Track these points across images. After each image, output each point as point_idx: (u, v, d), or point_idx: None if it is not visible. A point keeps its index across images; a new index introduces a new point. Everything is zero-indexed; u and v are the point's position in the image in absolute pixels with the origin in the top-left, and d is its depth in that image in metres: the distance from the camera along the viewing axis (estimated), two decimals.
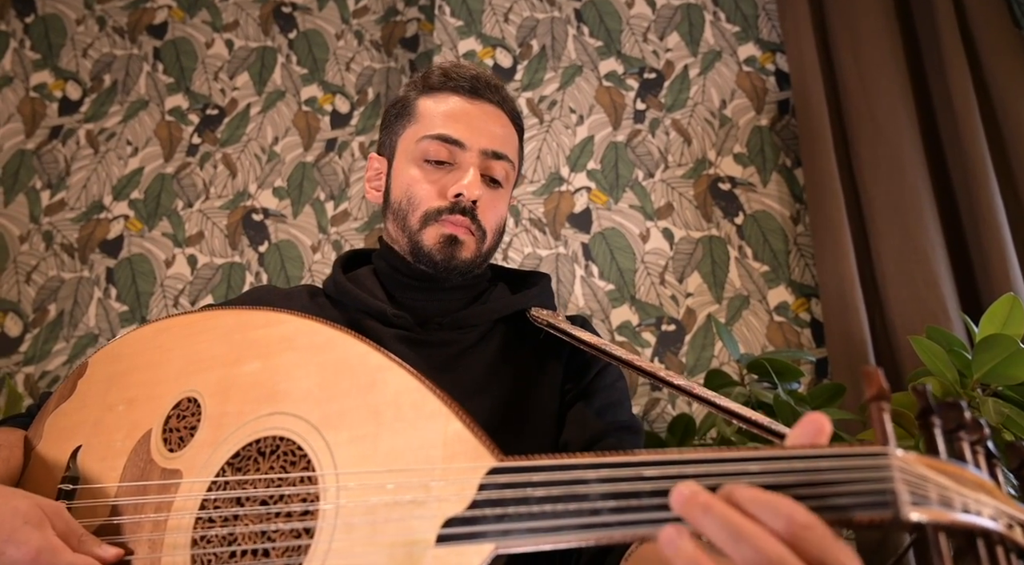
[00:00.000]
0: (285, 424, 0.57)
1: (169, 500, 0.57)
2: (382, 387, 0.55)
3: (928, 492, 0.39)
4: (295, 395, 0.58)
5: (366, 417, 0.54)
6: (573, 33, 1.89)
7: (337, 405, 0.56)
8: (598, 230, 1.70)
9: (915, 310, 1.35)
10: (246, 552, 0.53)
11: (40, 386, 1.80)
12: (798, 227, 1.62)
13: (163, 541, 0.55)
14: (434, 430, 0.51)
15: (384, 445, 0.52)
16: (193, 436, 0.60)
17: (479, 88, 0.93)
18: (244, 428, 0.58)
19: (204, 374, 0.63)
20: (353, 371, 0.57)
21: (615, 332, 1.61)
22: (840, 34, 1.62)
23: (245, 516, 0.55)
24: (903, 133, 1.49)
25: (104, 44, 2.15)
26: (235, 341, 0.64)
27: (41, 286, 1.90)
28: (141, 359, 0.67)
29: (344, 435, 0.54)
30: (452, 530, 0.46)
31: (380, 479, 0.50)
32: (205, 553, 0.54)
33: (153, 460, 0.60)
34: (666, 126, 1.76)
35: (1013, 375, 1.05)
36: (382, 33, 2.13)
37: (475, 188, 0.87)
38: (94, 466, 0.62)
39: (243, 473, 0.56)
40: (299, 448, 0.55)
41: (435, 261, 0.87)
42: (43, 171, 2.02)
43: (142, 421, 0.62)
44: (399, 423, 0.53)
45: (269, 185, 1.96)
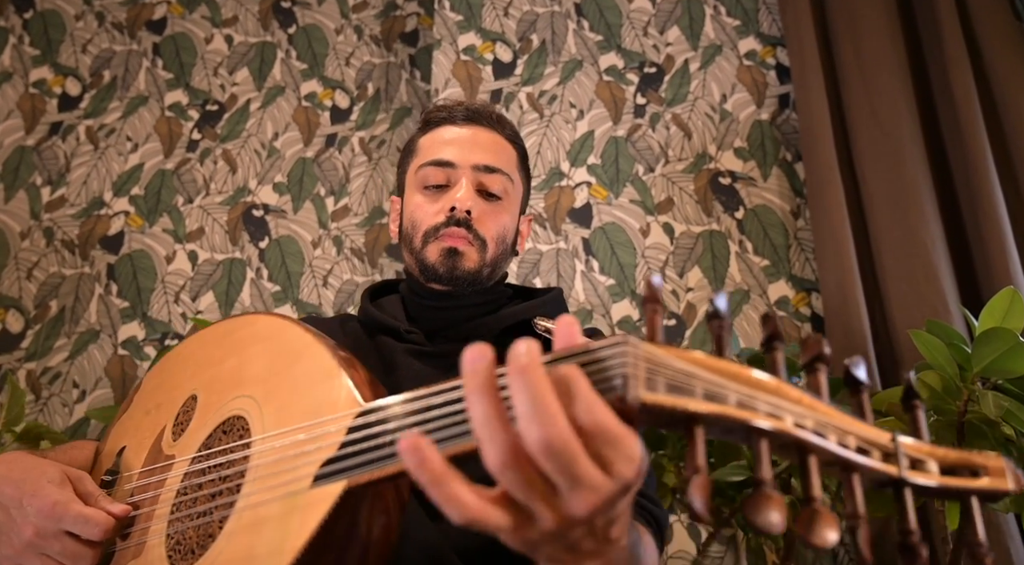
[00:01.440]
0: (241, 404, 0.65)
1: (164, 479, 0.67)
2: (304, 360, 0.63)
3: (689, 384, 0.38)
4: (250, 379, 0.66)
5: (289, 388, 0.61)
6: (573, 27, 1.89)
7: (273, 381, 0.64)
8: (598, 225, 1.70)
9: (915, 304, 1.36)
10: (200, 514, 0.61)
11: (42, 382, 1.80)
12: (798, 221, 1.62)
13: (154, 513, 0.65)
14: (329, 388, 0.57)
15: (298, 408, 0.59)
16: (188, 427, 0.70)
17: (472, 115, 0.98)
18: (217, 413, 0.67)
19: (202, 374, 0.73)
20: (286, 351, 0.65)
21: (615, 327, 1.61)
22: (841, 28, 1.62)
23: (205, 484, 0.62)
24: (903, 127, 1.49)
25: (103, 40, 2.14)
26: (224, 344, 0.74)
27: (42, 282, 1.90)
28: (173, 369, 0.78)
29: (273, 405, 0.61)
30: (324, 470, 0.51)
31: (287, 437, 0.57)
32: (176, 518, 0.62)
33: (162, 450, 0.70)
34: (666, 121, 1.76)
35: (1013, 368, 1.05)
36: (382, 28, 2.12)
37: (466, 200, 0.91)
38: (129, 461, 0.73)
39: (210, 449, 0.65)
40: (246, 422, 0.64)
41: (439, 274, 0.91)
42: (43, 167, 2.01)
43: (162, 420, 0.73)
44: (310, 387, 0.60)
45: (269, 181, 1.96)
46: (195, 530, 0.60)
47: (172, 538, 0.61)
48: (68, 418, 1.76)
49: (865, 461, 0.39)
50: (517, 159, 1.02)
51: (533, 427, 0.36)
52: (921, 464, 0.40)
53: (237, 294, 1.85)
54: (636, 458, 0.38)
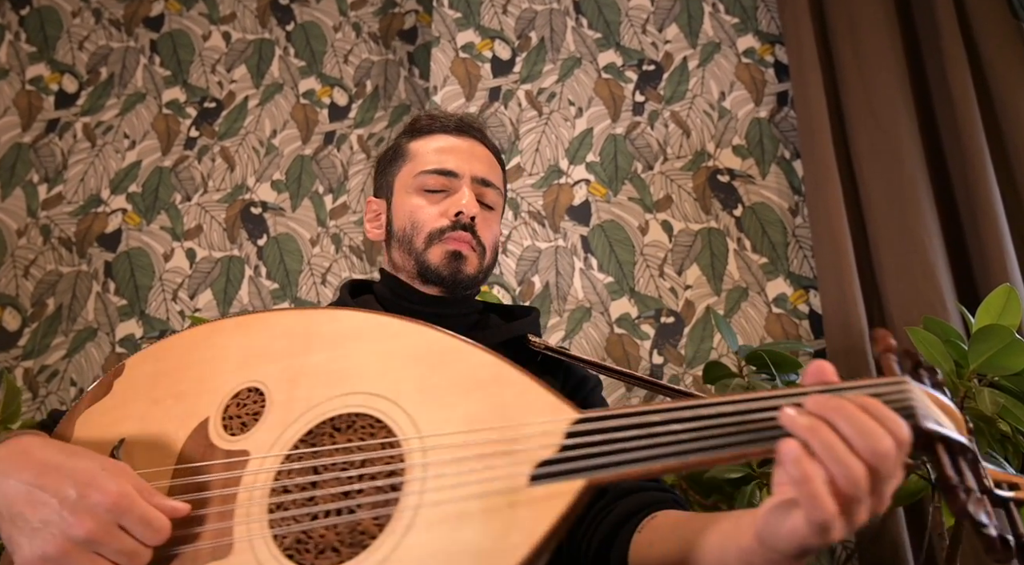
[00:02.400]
0: (360, 402, 0.62)
1: (236, 476, 0.61)
2: (457, 363, 0.62)
3: (932, 413, 0.53)
4: (368, 377, 0.63)
5: (445, 389, 0.61)
6: (572, 25, 1.89)
7: (414, 382, 0.62)
8: (597, 222, 1.70)
9: (912, 301, 1.36)
10: (328, 512, 0.57)
11: (39, 380, 1.80)
12: (797, 219, 1.63)
13: (233, 512, 0.59)
14: (512, 394, 0.59)
15: (462, 411, 0.59)
16: (258, 421, 0.64)
17: (463, 127, 1.02)
18: (315, 409, 0.63)
19: (266, 366, 0.67)
20: (427, 352, 0.64)
21: (614, 325, 1.61)
22: (839, 26, 1.62)
23: (324, 482, 0.59)
24: (901, 125, 1.49)
25: (100, 36, 2.14)
26: (297, 336, 0.68)
27: (39, 280, 1.90)
28: (191, 357, 0.71)
29: (424, 405, 0.60)
30: (545, 470, 0.54)
31: (463, 437, 0.57)
32: (283, 517, 0.58)
33: (213, 444, 0.63)
34: (665, 118, 1.77)
35: (1009, 365, 1.06)
36: (380, 25, 2.12)
37: (473, 206, 0.94)
38: (142, 455, 0.64)
39: (317, 447, 0.61)
40: (377, 420, 0.60)
41: (442, 276, 0.93)
42: (40, 165, 2.01)
43: (196, 411, 0.66)
44: (477, 391, 0.60)
45: (267, 178, 1.96)
46: (328, 529, 0.57)
47: (286, 537, 0.57)
48: None
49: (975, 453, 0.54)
50: (503, 176, 1.06)
51: (871, 441, 0.47)
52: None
53: (235, 292, 1.85)
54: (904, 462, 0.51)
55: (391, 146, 1.06)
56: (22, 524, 0.55)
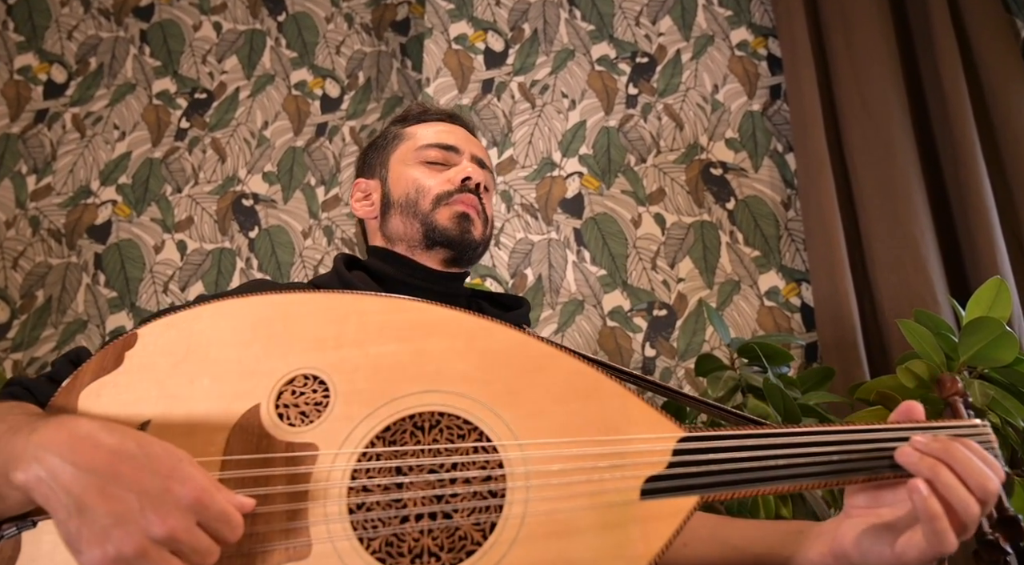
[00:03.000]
0: (445, 401, 0.60)
1: (305, 472, 0.56)
2: (552, 369, 0.61)
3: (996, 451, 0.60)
4: (452, 376, 0.61)
5: (539, 395, 0.59)
6: (565, 16, 1.88)
7: (505, 385, 0.60)
8: (590, 215, 1.70)
9: (904, 294, 1.37)
10: (421, 516, 0.55)
11: (28, 373, 1.78)
12: (789, 212, 1.63)
13: (306, 510, 0.55)
14: (615, 406, 0.59)
15: (561, 419, 0.58)
16: (322, 412, 0.59)
17: (456, 118, 1.05)
18: (392, 405, 0.60)
19: (322, 353, 0.62)
20: (517, 356, 0.62)
21: (607, 317, 1.61)
22: (832, 19, 1.62)
23: (412, 484, 0.56)
24: (894, 118, 1.49)
25: (89, 26, 2.11)
26: (351, 322, 0.64)
27: (28, 272, 1.88)
28: (225, 334, 0.64)
29: (519, 411, 0.59)
30: (655, 485, 0.55)
31: (568, 448, 0.56)
32: (367, 519, 0.55)
33: (269, 434, 0.58)
34: (658, 111, 1.76)
35: (999, 357, 1.06)
36: (372, 16, 2.11)
37: (479, 174, 0.95)
38: (178, 441, 0.56)
39: (398, 446, 0.58)
40: (466, 422, 0.58)
41: (451, 237, 0.92)
42: (28, 156, 1.99)
43: (242, 395, 0.60)
44: (575, 401, 0.59)
45: (259, 170, 1.95)
46: (423, 533, 0.54)
47: (374, 539, 0.54)
48: None
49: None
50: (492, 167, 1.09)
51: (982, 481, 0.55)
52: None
53: (227, 284, 1.84)
54: None
55: (382, 133, 1.07)
56: (92, 519, 0.48)
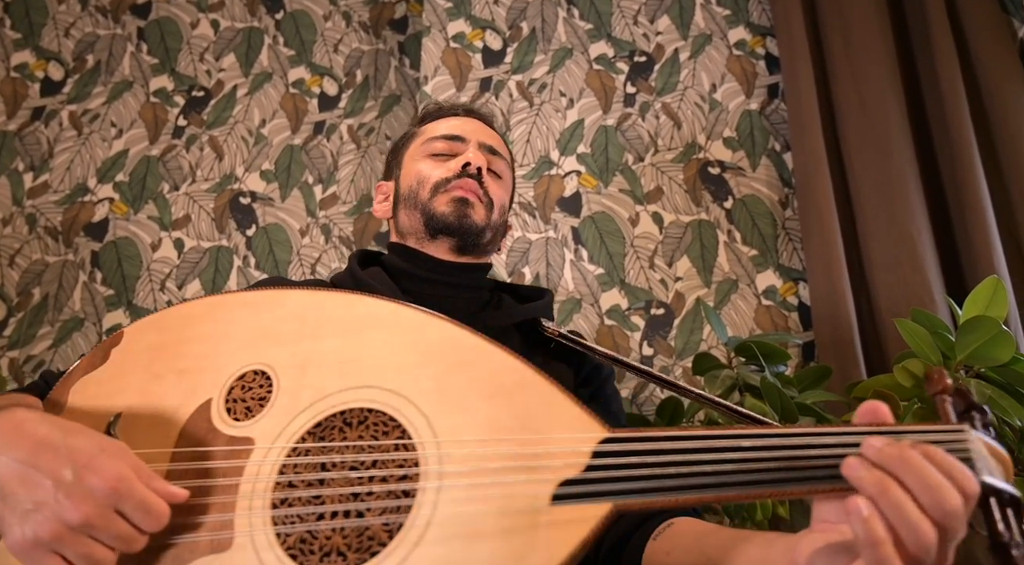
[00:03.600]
0: (375, 397, 0.59)
1: (239, 465, 0.57)
2: (480, 364, 0.58)
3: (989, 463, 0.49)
4: (385, 371, 0.60)
5: (465, 391, 0.57)
6: (563, 15, 1.88)
7: (434, 381, 0.58)
8: (588, 214, 1.70)
9: (901, 293, 1.37)
10: (336, 513, 0.54)
11: (25, 370, 1.78)
12: (787, 211, 1.63)
13: (234, 503, 0.56)
14: (539, 404, 0.55)
15: (483, 416, 0.55)
16: (264, 407, 0.60)
17: (471, 111, 1.05)
18: (326, 400, 0.59)
19: (275, 349, 0.63)
20: (449, 350, 0.60)
21: (605, 316, 1.61)
22: (830, 19, 1.62)
23: (333, 481, 0.56)
24: (891, 118, 1.49)
25: (87, 23, 2.11)
26: (309, 319, 0.64)
27: (25, 270, 1.88)
28: (193, 331, 0.66)
29: (442, 407, 0.57)
30: (568, 490, 0.50)
31: (485, 447, 0.53)
32: (287, 514, 0.55)
33: (215, 428, 0.60)
34: (656, 110, 1.76)
35: (995, 356, 1.07)
36: (370, 14, 2.10)
37: (480, 159, 0.94)
38: (141, 433, 0.60)
39: (326, 441, 0.58)
40: (391, 419, 0.57)
41: (449, 223, 0.91)
42: (25, 153, 1.98)
43: (199, 390, 0.62)
44: (500, 397, 0.56)
45: (256, 168, 1.95)
46: (335, 531, 0.53)
47: (289, 535, 0.54)
48: None
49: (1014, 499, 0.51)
50: (510, 160, 1.07)
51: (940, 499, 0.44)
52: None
53: (224, 282, 1.84)
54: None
55: (402, 135, 1.08)
56: (14, 504, 0.51)
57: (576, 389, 0.93)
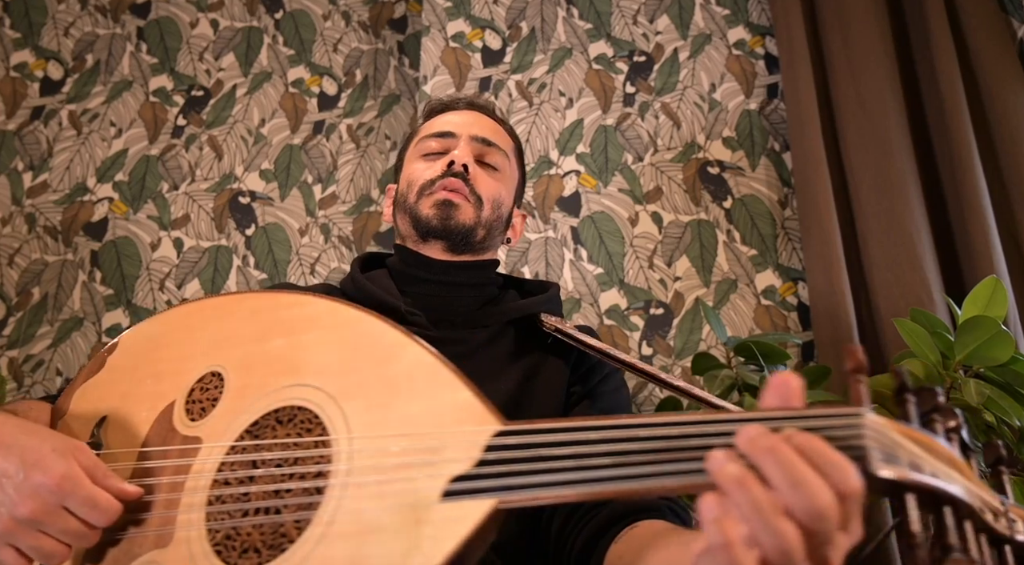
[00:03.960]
0: (304, 395, 0.60)
1: (188, 464, 0.60)
2: (397, 360, 0.59)
3: (898, 454, 0.42)
4: (315, 368, 0.61)
5: (381, 388, 0.57)
6: (563, 15, 1.88)
7: (355, 377, 0.59)
8: (587, 214, 1.70)
9: (900, 293, 1.37)
10: (259, 510, 0.56)
11: (24, 370, 1.78)
12: (786, 211, 1.63)
13: (179, 501, 0.58)
14: (444, 398, 0.55)
15: (396, 413, 0.55)
16: (215, 407, 0.63)
17: (472, 105, 1.03)
18: (264, 399, 0.61)
19: (230, 350, 0.66)
20: (371, 346, 0.60)
21: (604, 316, 1.61)
22: (829, 18, 1.62)
23: (260, 478, 0.57)
24: (890, 117, 1.49)
25: (86, 23, 2.11)
26: (262, 320, 0.67)
27: (24, 269, 1.88)
28: (171, 337, 0.70)
29: (360, 404, 0.57)
30: (457, 486, 0.49)
31: (391, 442, 0.53)
32: (219, 511, 0.57)
33: (175, 428, 0.63)
34: (655, 110, 1.76)
35: (994, 356, 1.06)
36: (370, 14, 2.10)
37: (464, 156, 0.93)
38: (118, 434, 0.64)
39: (260, 439, 0.60)
40: (315, 416, 0.58)
41: (432, 226, 0.91)
42: (25, 152, 1.98)
43: (167, 393, 0.65)
44: (411, 392, 0.56)
45: (256, 168, 1.95)
46: (254, 527, 0.55)
47: (218, 531, 0.56)
48: None
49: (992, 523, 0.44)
50: (513, 147, 1.04)
51: (805, 497, 0.39)
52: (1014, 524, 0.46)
53: (223, 282, 1.84)
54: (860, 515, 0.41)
55: (406, 136, 1.10)
56: None
57: (570, 387, 0.91)
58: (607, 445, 0.47)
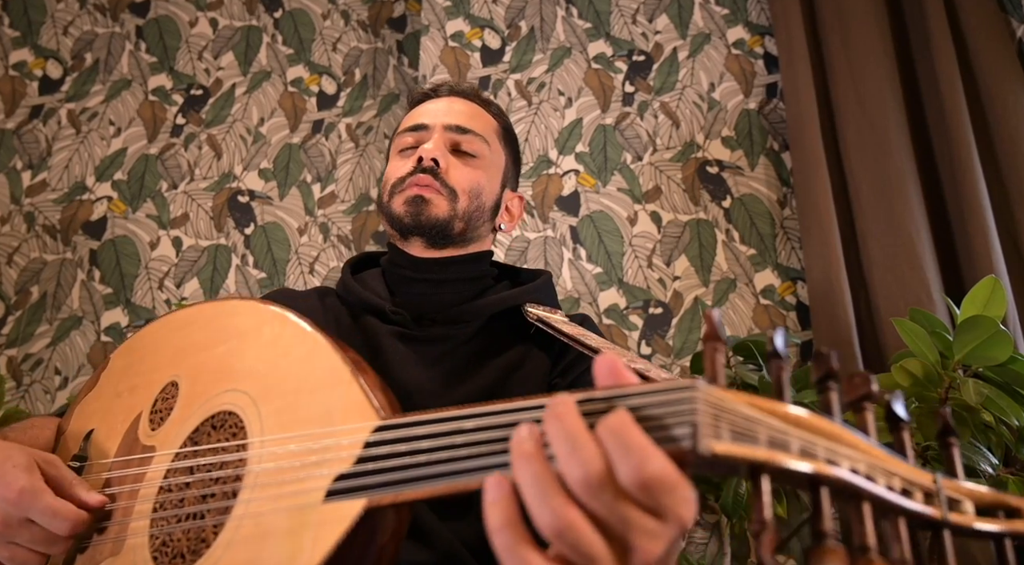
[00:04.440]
0: (233, 400, 0.61)
1: (143, 472, 0.62)
2: (308, 358, 0.59)
3: (755, 430, 0.36)
4: (243, 372, 0.62)
5: (290, 388, 0.58)
6: (562, 14, 1.88)
7: (272, 379, 0.60)
8: (586, 213, 1.70)
9: (899, 293, 1.37)
10: (190, 515, 0.57)
11: (23, 369, 1.78)
12: (785, 211, 1.63)
13: (134, 508, 0.60)
14: (338, 396, 0.54)
15: (302, 413, 0.56)
16: (169, 416, 0.65)
17: (453, 90, 1.00)
18: (204, 406, 0.63)
19: (187, 359, 0.68)
20: (290, 346, 0.61)
21: (603, 315, 1.61)
22: (828, 18, 1.62)
23: (194, 483, 0.59)
24: (890, 117, 1.49)
25: (85, 22, 2.11)
26: (213, 328, 0.69)
27: (23, 268, 1.88)
28: (147, 349, 0.73)
29: (273, 406, 0.58)
30: (339, 485, 0.48)
31: (292, 444, 0.54)
32: (160, 517, 0.59)
33: (138, 438, 0.65)
34: (655, 109, 1.76)
35: (993, 356, 1.06)
36: (369, 13, 2.10)
37: (433, 150, 0.91)
38: (100, 447, 0.68)
39: (199, 445, 0.61)
40: (240, 421, 0.60)
41: (405, 224, 0.90)
42: (24, 151, 1.98)
43: (137, 405, 0.68)
44: (313, 393, 0.57)
45: (255, 167, 1.95)
46: (184, 533, 0.56)
47: (157, 538, 0.57)
48: (50, 405, 1.75)
49: (912, 505, 0.38)
50: (498, 129, 1.00)
51: (572, 465, 0.36)
52: (958, 505, 0.39)
53: (222, 281, 1.83)
54: (692, 499, 0.36)
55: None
56: None
57: (552, 379, 0.89)
58: (488, 432, 0.43)
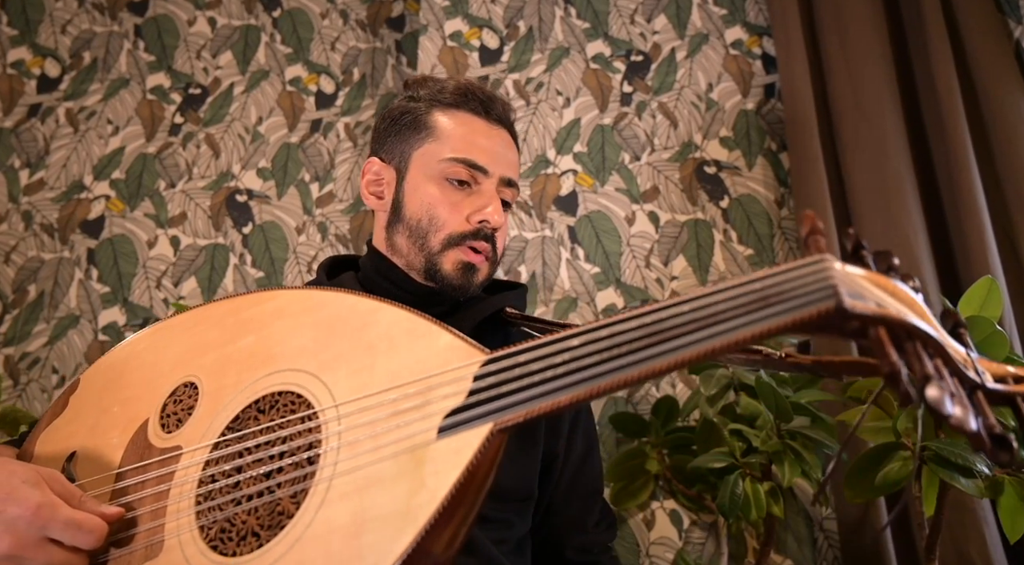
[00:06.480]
0: (282, 380, 0.61)
1: (170, 472, 0.61)
2: (374, 324, 0.60)
3: (864, 294, 0.44)
4: (290, 353, 0.62)
5: (362, 352, 0.58)
6: (560, 14, 1.88)
7: (333, 350, 0.60)
8: (584, 213, 1.70)
9: None
10: (251, 496, 0.56)
11: (20, 368, 1.78)
12: (783, 211, 1.63)
13: (165, 509, 0.59)
14: (426, 346, 0.56)
15: (380, 371, 0.56)
16: (191, 415, 0.63)
17: (495, 110, 0.94)
18: (242, 394, 0.62)
19: (201, 359, 0.67)
20: (346, 319, 0.62)
21: (600, 315, 1.61)
22: (827, 18, 1.62)
23: (248, 466, 0.58)
24: (887, 118, 1.50)
25: (83, 20, 2.10)
26: (228, 324, 0.68)
27: (20, 267, 1.88)
28: (136, 361, 0.71)
29: (341, 372, 0.58)
30: (452, 420, 0.51)
31: (377, 398, 0.55)
32: (209, 507, 0.57)
33: (151, 444, 0.64)
34: (653, 109, 1.76)
35: (990, 356, 1.06)
36: (367, 13, 2.10)
37: (499, 216, 0.89)
38: (89, 465, 0.65)
39: (243, 431, 0.60)
40: (298, 396, 0.59)
41: (453, 286, 0.89)
42: (22, 150, 1.98)
43: (138, 415, 0.66)
44: (393, 349, 0.57)
45: (253, 166, 1.95)
46: (250, 514, 0.55)
47: (210, 528, 0.57)
48: (47, 404, 1.75)
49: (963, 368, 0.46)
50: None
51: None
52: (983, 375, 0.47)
53: (220, 280, 1.83)
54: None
55: (408, 109, 0.95)
56: None
57: None
58: (593, 345, 0.49)
